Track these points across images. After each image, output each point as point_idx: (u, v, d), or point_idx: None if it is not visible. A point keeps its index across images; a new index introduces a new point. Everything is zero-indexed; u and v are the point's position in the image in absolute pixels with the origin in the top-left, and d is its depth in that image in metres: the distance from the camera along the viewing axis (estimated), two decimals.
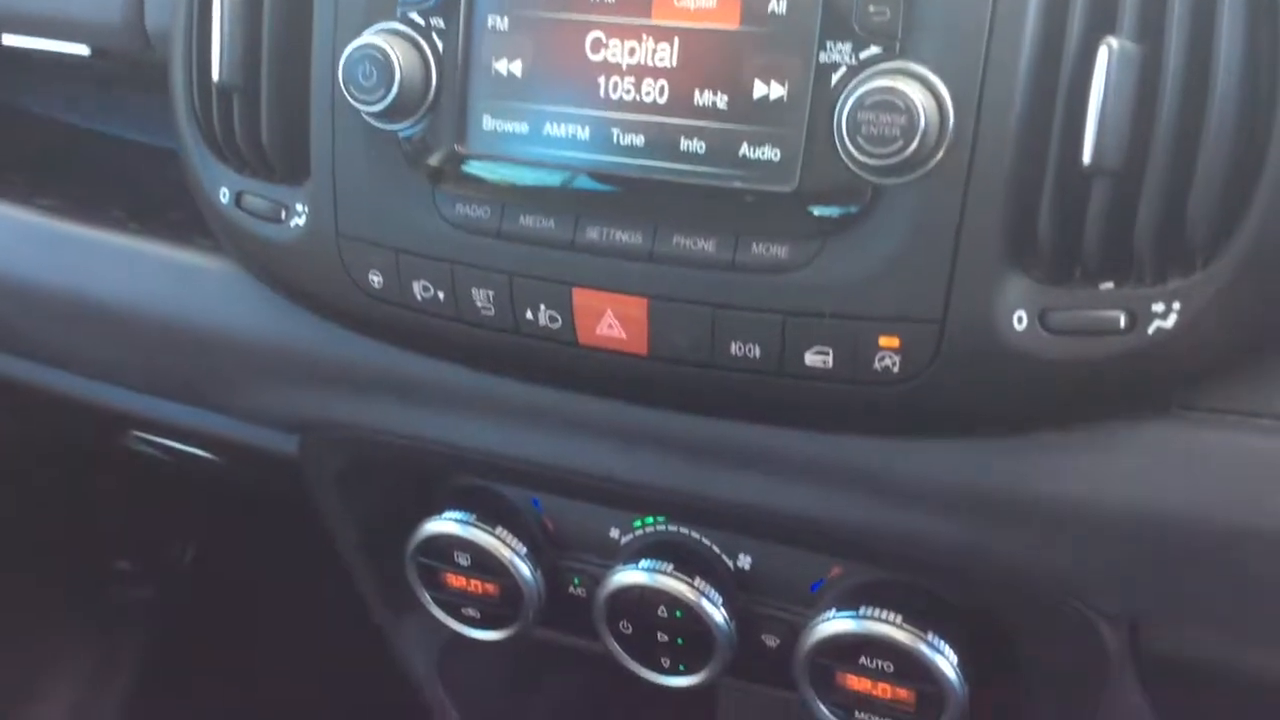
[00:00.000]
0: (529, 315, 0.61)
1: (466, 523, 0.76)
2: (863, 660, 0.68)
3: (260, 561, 1.54)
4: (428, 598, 0.80)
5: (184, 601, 1.55)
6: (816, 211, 0.54)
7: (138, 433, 0.94)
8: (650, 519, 0.75)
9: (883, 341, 0.54)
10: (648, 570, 0.72)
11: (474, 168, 0.60)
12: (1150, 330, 0.51)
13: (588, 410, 0.66)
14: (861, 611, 0.67)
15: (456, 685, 0.90)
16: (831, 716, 0.71)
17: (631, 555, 0.74)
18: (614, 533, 0.76)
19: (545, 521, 0.78)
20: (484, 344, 0.63)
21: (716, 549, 0.74)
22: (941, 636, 0.66)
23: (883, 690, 0.69)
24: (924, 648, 0.66)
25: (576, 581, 0.78)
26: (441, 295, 0.62)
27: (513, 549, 0.76)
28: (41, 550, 1.46)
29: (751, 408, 0.61)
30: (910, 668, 0.66)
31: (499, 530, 0.76)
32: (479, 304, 0.61)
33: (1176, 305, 0.50)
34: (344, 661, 1.36)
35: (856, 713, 0.70)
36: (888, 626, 0.66)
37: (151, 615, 1.56)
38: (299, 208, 0.65)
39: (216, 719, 1.62)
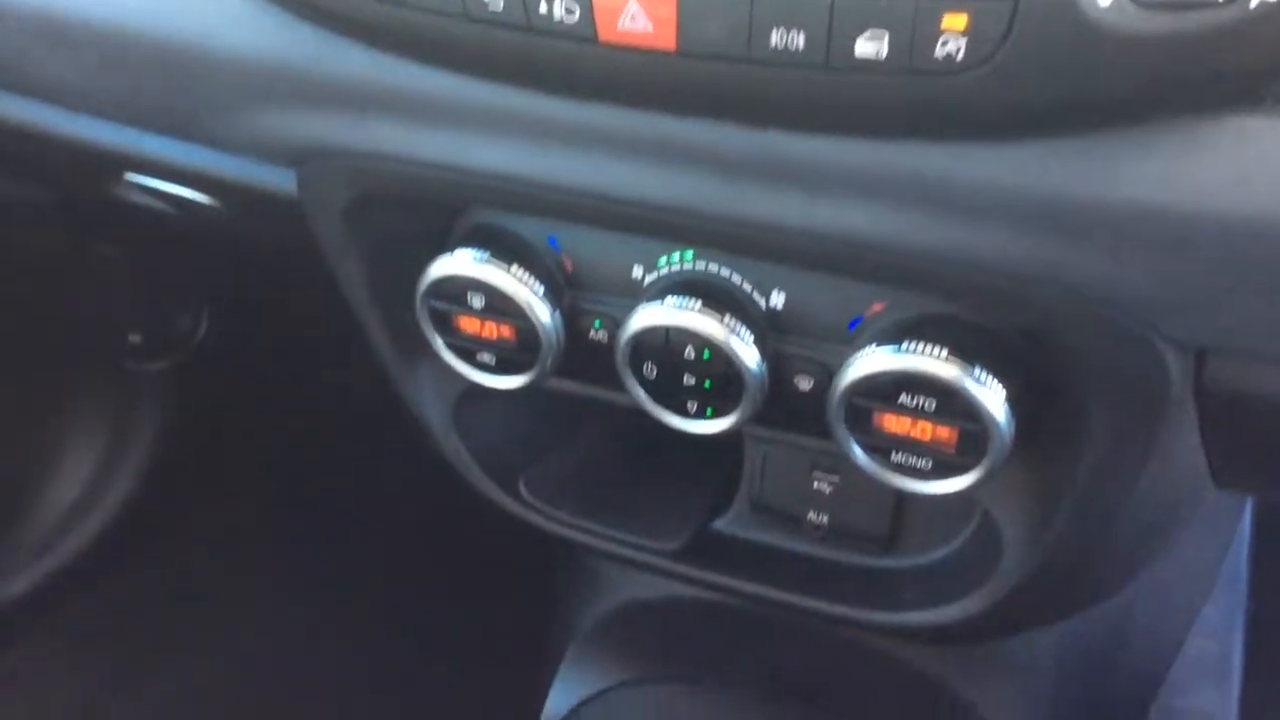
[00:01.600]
0: (542, 8, 0.54)
1: (480, 260, 0.71)
2: (903, 399, 0.64)
3: (274, 330, 1.52)
4: (440, 344, 0.75)
5: (198, 373, 1.54)
6: None
7: (131, 177, 0.88)
8: (677, 254, 0.70)
9: (947, 22, 0.48)
10: (674, 307, 0.68)
11: None
12: (1253, 4, 0.45)
13: (609, 122, 0.60)
14: (904, 346, 0.63)
15: (474, 437, 0.87)
16: (867, 459, 0.67)
17: (656, 293, 0.69)
18: (637, 271, 0.71)
19: (564, 260, 0.73)
20: (494, 45, 0.57)
21: (748, 286, 0.69)
22: (989, 370, 0.61)
23: (923, 431, 0.65)
24: (970, 382, 0.61)
25: (597, 324, 0.73)
26: None
27: (529, 288, 0.71)
28: (51, 323, 1.43)
29: (793, 110, 0.55)
30: (954, 405, 0.62)
31: (515, 268, 0.71)
32: None
33: None
34: (363, 419, 1.34)
35: (893, 454, 0.66)
36: (931, 360, 0.62)
37: (166, 388, 1.55)
38: None
39: (235, 488, 1.63)
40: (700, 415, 0.72)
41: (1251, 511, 1.13)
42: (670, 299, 0.68)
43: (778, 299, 0.69)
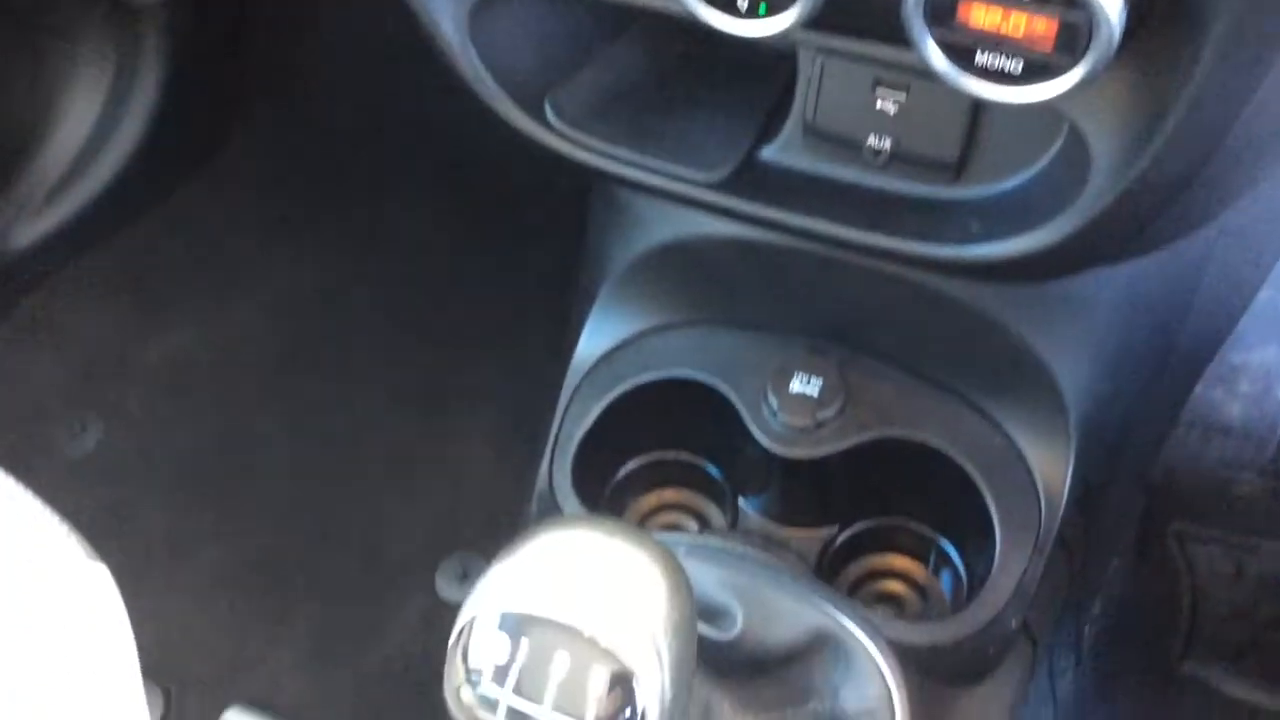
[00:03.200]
0: None
1: None
2: None
3: None
4: None
5: (202, 10, 1.44)
6: None
7: None
8: None
9: None
10: None
11: None
12: None
13: None
14: None
15: (494, 54, 0.78)
16: (946, 63, 0.59)
17: None
18: None
19: None
20: None
21: None
22: None
23: (1016, 24, 0.56)
24: None
25: None
26: None
27: None
28: None
29: None
30: None
31: None
32: None
33: None
34: (377, 48, 1.26)
35: (978, 55, 0.58)
36: None
37: (169, 27, 1.46)
38: None
39: (246, 131, 1.57)
40: (752, 14, 0.63)
41: None
42: None
43: None
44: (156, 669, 1.05)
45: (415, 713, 0.51)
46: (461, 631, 0.50)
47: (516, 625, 0.49)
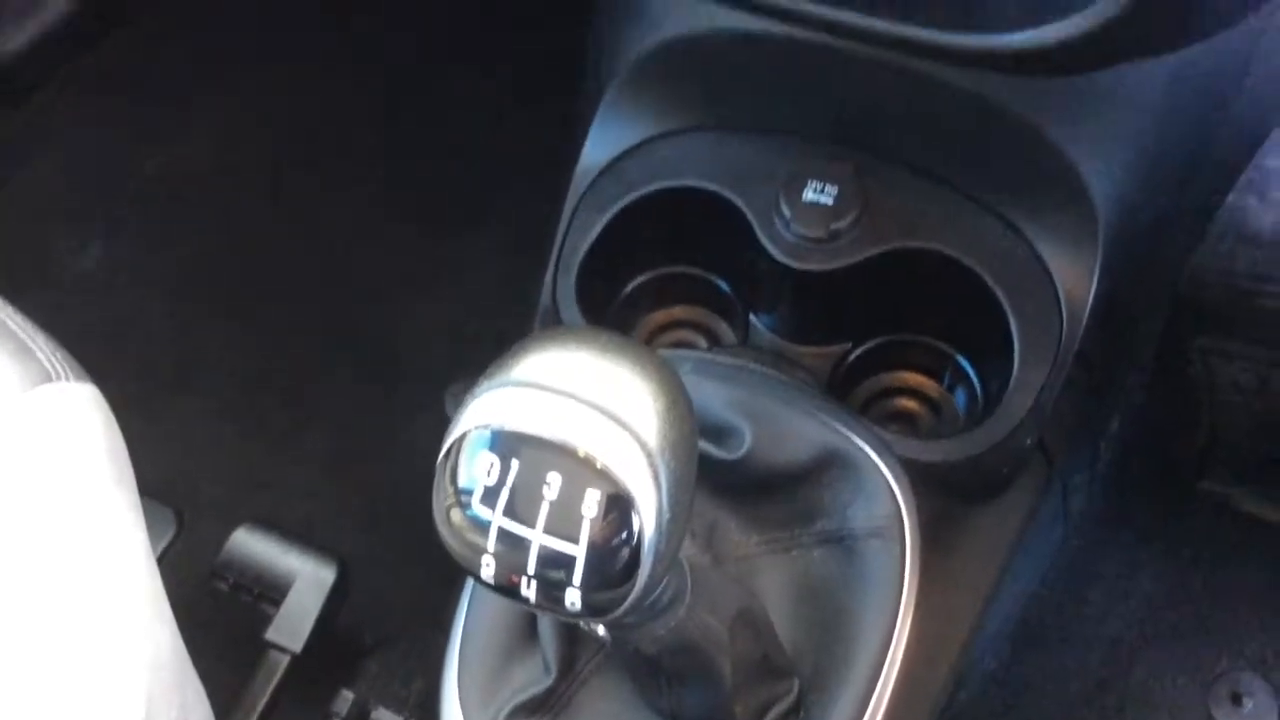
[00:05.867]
0: None
1: None
2: None
3: None
4: None
5: None
6: None
7: None
8: None
9: None
10: None
11: None
12: None
13: None
14: None
15: None
16: None
17: None
18: None
19: None
20: None
21: None
22: None
23: None
24: None
25: None
26: None
27: None
28: None
29: None
30: None
31: None
32: None
33: None
34: None
35: None
36: None
37: None
38: None
39: None
40: None
41: None
42: None
43: None
44: (168, 490, 1.05)
45: (424, 531, 0.49)
46: (449, 450, 0.47)
47: (506, 444, 0.46)
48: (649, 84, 0.84)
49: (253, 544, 1.10)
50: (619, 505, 0.45)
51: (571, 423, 0.45)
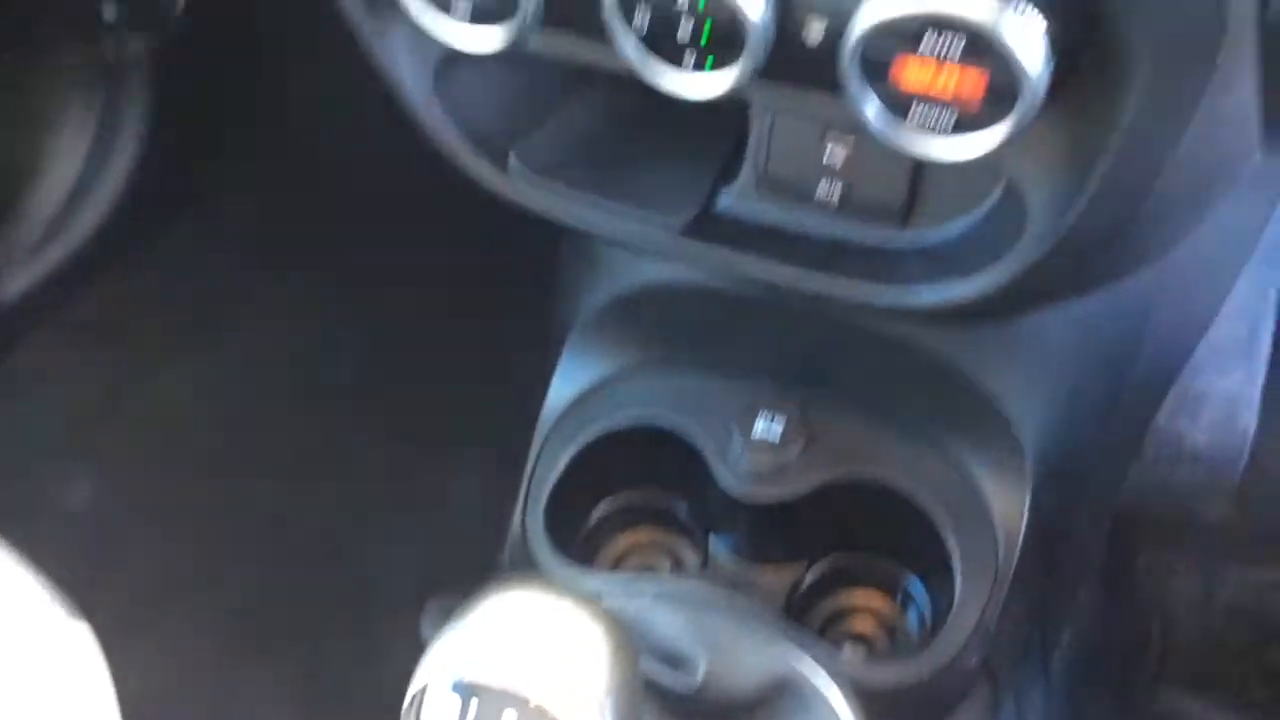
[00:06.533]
0: None
1: None
2: (925, 42, 0.56)
3: (258, 6, 1.43)
4: None
5: (183, 57, 1.46)
6: None
7: None
8: None
9: None
10: None
11: None
12: None
13: None
14: None
15: (459, 109, 0.80)
16: (881, 118, 0.61)
17: None
18: None
19: None
20: None
21: None
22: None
23: (946, 81, 0.58)
24: (1008, 11, 0.53)
25: None
26: None
27: None
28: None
29: None
30: (984, 43, 0.55)
31: None
32: None
33: None
34: (354, 101, 1.28)
35: (912, 110, 0.60)
36: None
37: (151, 75, 1.48)
38: None
39: (226, 179, 1.59)
40: (699, 68, 0.65)
41: None
42: None
43: None
44: (149, 715, 1.06)
45: None
46: (413, 699, 0.52)
47: (466, 692, 0.51)
48: (610, 329, 0.91)
49: None
50: None
51: (524, 672, 0.50)
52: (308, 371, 1.57)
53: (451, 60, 0.75)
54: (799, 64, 0.64)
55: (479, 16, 0.67)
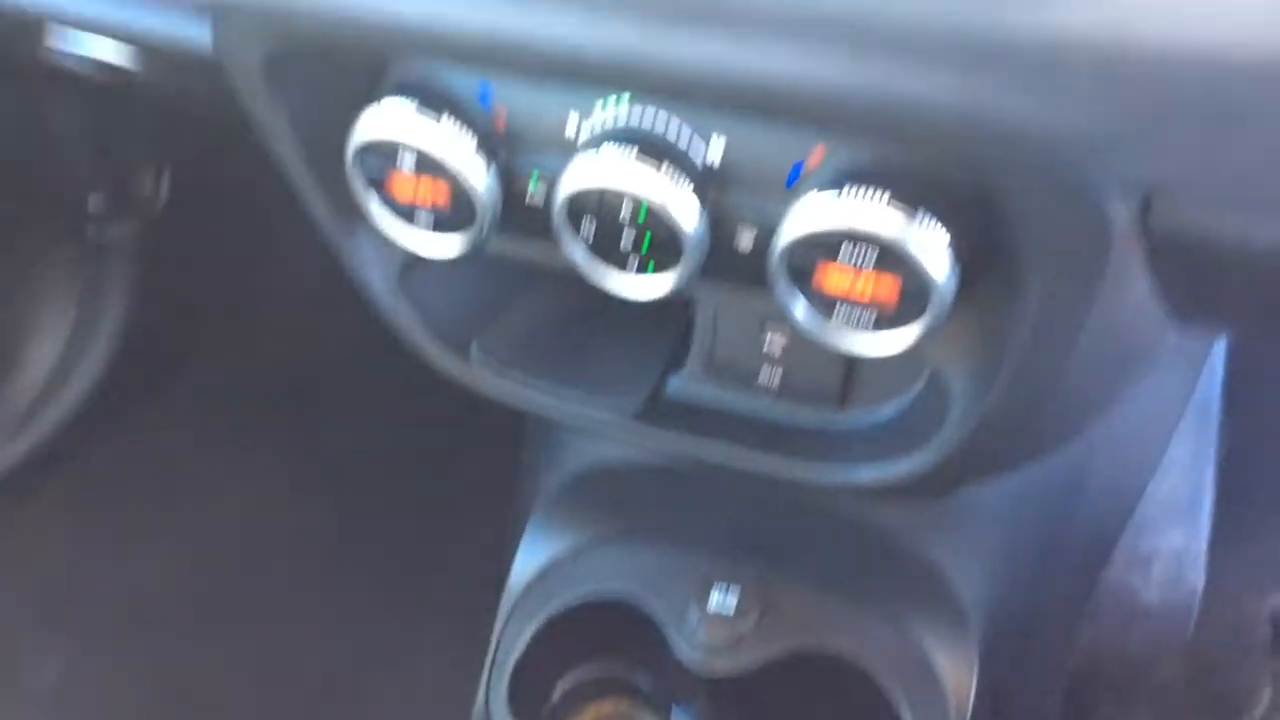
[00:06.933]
0: None
1: (408, 111, 0.68)
2: (843, 252, 0.62)
3: (239, 195, 1.49)
4: (375, 205, 0.73)
5: (165, 241, 1.51)
6: None
7: (52, 41, 0.85)
8: (613, 99, 0.67)
9: None
10: (610, 155, 0.65)
11: None
12: None
13: None
14: (843, 191, 0.60)
15: (423, 305, 0.85)
16: (808, 317, 0.66)
17: (592, 143, 0.67)
18: (573, 122, 0.68)
19: (498, 109, 0.70)
20: None
21: (686, 132, 0.66)
22: (932, 215, 0.59)
23: (864, 286, 0.63)
24: (914, 227, 0.59)
25: (535, 176, 0.71)
26: None
27: (462, 140, 0.68)
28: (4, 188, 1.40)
29: None
30: (896, 254, 0.60)
31: (445, 118, 0.68)
32: None
33: None
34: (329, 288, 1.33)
35: (835, 310, 0.65)
36: (872, 204, 0.59)
37: (133, 258, 1.52)
38: None
39: (206, 361, 1.62)
40: (642, 271, 0.70)
41: (1226, 343, 1.11)
42: (607, 146, 0.65)
43: (717, 147, 0.66)
44: None
45: None
46: None
47: None
48: (568, 507, 0.95)
49: None
50: None
51: None
52: (274, 549, 1.58)
53: (415, 262, 0.80)
54: (734, 267, 0.69)
55: (440, 225, 0.72)
